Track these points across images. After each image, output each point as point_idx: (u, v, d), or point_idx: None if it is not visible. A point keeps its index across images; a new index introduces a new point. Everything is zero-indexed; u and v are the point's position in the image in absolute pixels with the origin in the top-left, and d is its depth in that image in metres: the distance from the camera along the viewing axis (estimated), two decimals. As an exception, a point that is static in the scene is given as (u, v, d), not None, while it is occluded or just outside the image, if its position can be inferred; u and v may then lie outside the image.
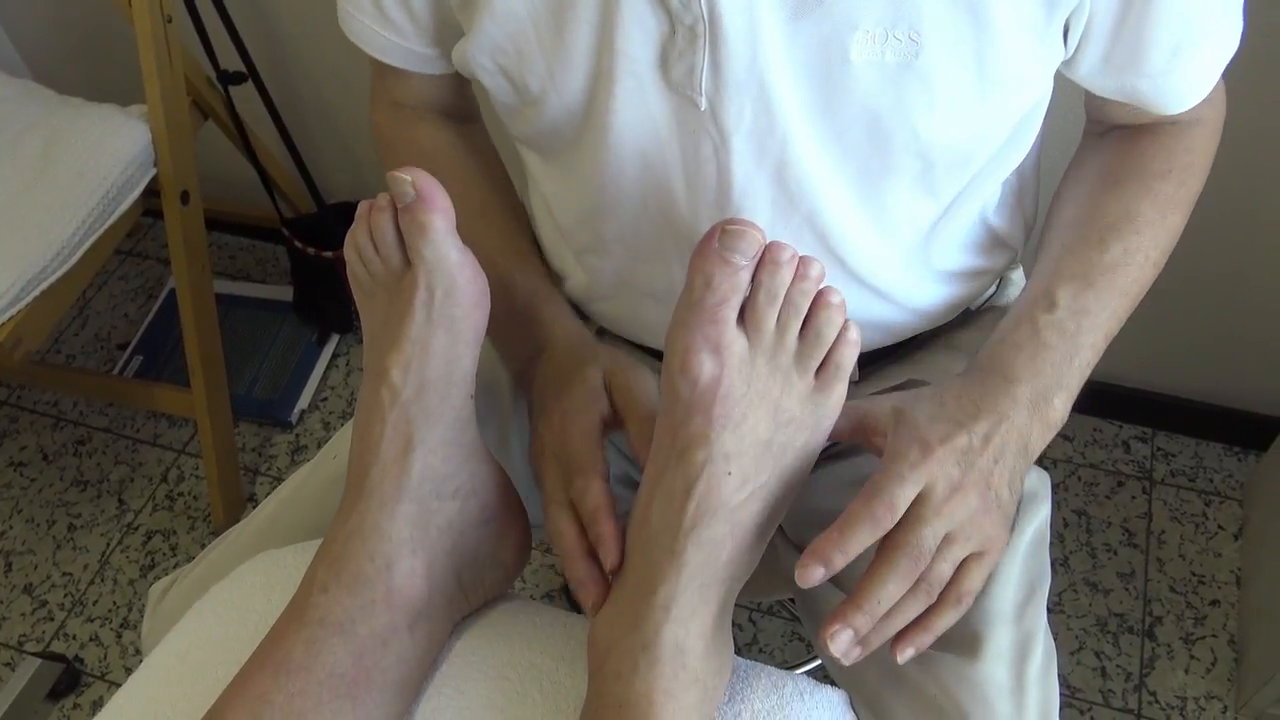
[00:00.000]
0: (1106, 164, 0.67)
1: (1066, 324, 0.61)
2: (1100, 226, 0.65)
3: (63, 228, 1.22)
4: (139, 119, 1.29)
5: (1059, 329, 0.61)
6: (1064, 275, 0.63)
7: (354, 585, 0.58)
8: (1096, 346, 0.63)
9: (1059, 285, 0.63)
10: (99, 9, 1.58)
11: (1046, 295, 0.63)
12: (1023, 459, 0.59)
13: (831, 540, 0.54)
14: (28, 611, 1.52)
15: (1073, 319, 0.62)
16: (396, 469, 0.59)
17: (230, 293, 1.83)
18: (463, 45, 0.65)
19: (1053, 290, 0.63)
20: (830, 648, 0.55)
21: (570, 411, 0.64)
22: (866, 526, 0.54)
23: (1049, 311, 0.62)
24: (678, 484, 0.54)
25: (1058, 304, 0.62)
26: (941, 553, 0.55)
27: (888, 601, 0.54)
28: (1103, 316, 0.63)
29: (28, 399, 1.78)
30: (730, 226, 0.53)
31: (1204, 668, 1.35)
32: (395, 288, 0.60)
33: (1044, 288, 0.63)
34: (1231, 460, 1.53)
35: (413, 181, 0.57)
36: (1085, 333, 0.62)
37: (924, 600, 0.55)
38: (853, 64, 0.56)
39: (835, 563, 0.54)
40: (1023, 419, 0.59)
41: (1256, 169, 1.19)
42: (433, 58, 0.72)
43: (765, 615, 1.44)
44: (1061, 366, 0.61)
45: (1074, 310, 0.62)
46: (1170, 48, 0.59)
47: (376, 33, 0.71)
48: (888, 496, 0.54)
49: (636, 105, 0.60)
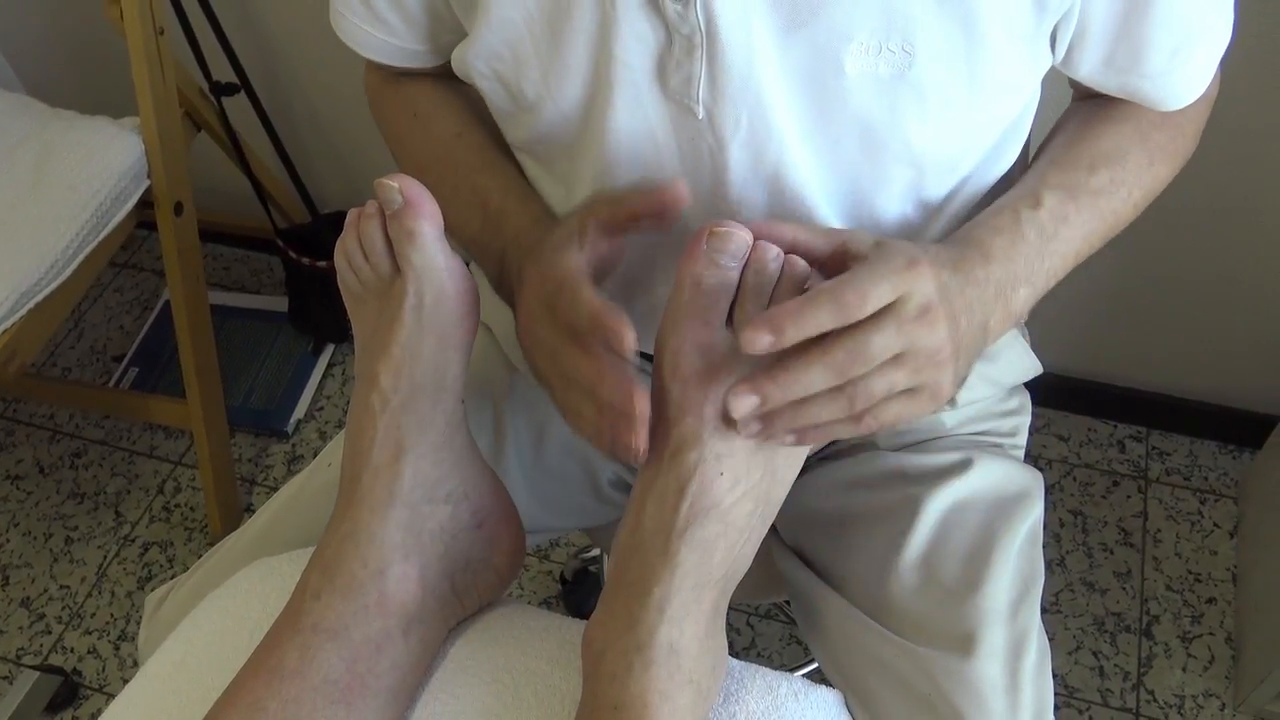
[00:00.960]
0: (1104, 105, 0.68)
1: (1046, 225, 0.61)
2: (1091, 153, 0.65)
3: (56, 240, 1.22)
4: (132, 131, 1.30)
5: (1038, 227, 0.60)
6: (1051, 184, 0.63)
7: (347, 591, 0.58)
8: (1066, 258, 0.62)
9: (1045, 189, 0.62)
10: (91, 22, 1.59)
11: (1033, 194, 0.62)
12: (981, 336, 0.57)
13: (788, 310, 0.50)
14: (25, 625, 1.52)
15: (1052, 223, 0.61)
16: (388, 474, 0.59)
17: (225, 304, 1.83)
18: (461, 51, 0.65)
19: (1039, 192, 0.62)
20: (730, 405, 0.51)
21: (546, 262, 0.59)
22: (829, 308, 0.50)
23: (1033, 209, 0.61)
24: (670, 485, 0.54)
25: (1042, 204, 0.61)
26: (883, 370, 0.51)
27: (806, 387, 0.51)
28: (1079, 231, 0.62)
29: (23, 412, 1.77)
30: (717, 229, 0.53)
31: (1201, 666, 1.35)
32: (385, 294, 0.61)
33: (1031, 188, 0.63)
34: (1226, 458, 1.53)
35: (400, 189, 0.58)
36: (1060, 240, 0.61)
37: (843, 407, 0.52)
38: (847, 75, 0.56)
39: (787, 334, 0.49)
40: (990, 294, 0.57)
41: (1248, 167, 1.19)
42: (424, 53, 0.73)
43: (763, 619, 1.44)
44: (1033, 261, 0.60)
45: (1055, 216, 0.61)
46: (1170, 49, 0.60)
47: (368, 33, 0.71)
48: (861, 287, 0.50)
49: (634, 112, 0.60)
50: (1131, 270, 1.35)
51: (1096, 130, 0.66)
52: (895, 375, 0.52)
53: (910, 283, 0.51)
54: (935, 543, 0.68)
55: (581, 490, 0.87)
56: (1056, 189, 0.62)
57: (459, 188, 0.71)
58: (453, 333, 0.60)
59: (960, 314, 0.54)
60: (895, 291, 0.51)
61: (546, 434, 0.83)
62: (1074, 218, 0.62)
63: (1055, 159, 0.65)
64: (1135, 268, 1.35)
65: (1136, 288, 1.38)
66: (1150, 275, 1.36)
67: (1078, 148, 0.65)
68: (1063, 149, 0.66)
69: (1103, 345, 1.49)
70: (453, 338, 0.60)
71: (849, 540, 0.73)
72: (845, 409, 0.52)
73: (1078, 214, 0.62)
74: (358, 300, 0.63)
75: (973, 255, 0.58)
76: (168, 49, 1.25)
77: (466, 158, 0.72)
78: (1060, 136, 0.68)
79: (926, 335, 0.52)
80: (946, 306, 0.53)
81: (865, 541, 0.71)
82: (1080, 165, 0.64)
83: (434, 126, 0.74)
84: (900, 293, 0.51)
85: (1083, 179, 0.63)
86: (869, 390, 0.52)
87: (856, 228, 0.65)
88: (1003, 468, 0.73)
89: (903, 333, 0.51)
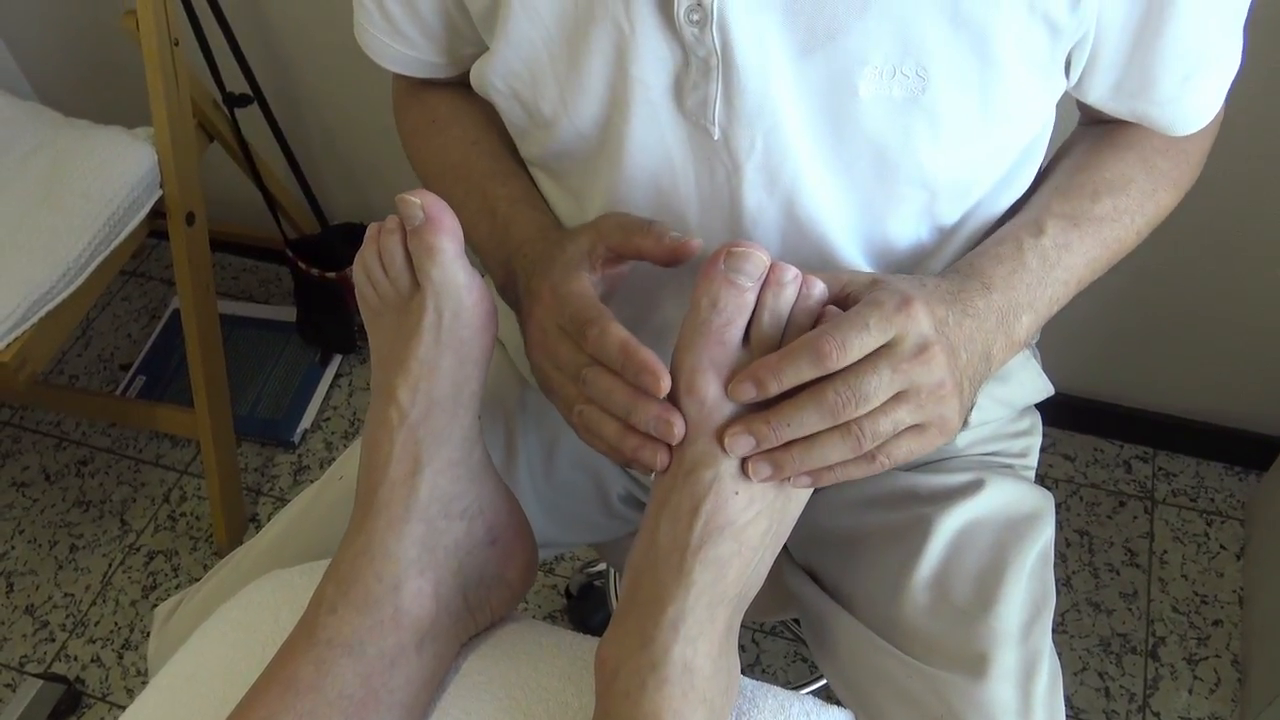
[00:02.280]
0: (1110, 132, 0.68)
1: (1049, 253, 0.61)
2: (1095, 180, 0.65)
3: (69, 249, 1.22)
4: (145, 141, 1.30)
5: (1040, 254, 0.61)
6: (1054, 212, 0.64)
7: (362, 606, 0.58)
8: (1069, 285, 0.63)
9: (1048, 218, 0.63)
10: (105, 32, 1.60)
11: (1035, 223, 0.63)
12: (984, 365, 0.58)
13: (768, 364, 0.52)
14: (29, 632, 1.52)
15: (1055, 250, 0.62)
16: (404, 489, 0.59)
17: (234, 313, 1.83)
18: (479, 67, 0.66)
19: (1042, 220, 0.63)
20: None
21: (559, 280, 0.60)
22: (808, 358, 0.51)
23: (1035, 237, 0.62)
24: (685, 503, 0.54)
25: (1044, 232, 0.62)
26: (887, 409, 0.52)
27: (798, 428, 0.52)
28: (1081, 259, 0.63)
29: (30, 419, 1.78)
30: (735, 249, 0.54)
31: (1208, 688, 1.34)
32: (404, 309, 0.61)
33: (1034, 216, 0.64)
34: (1233, 480, 1.53)
35: (421, 204, 0.58)
36: (1062, 268, 0.62)
37: (851, 447, 0.53)
38: (861, 99, 0.57)
39: (768, 386, 0.52)
40: (991, 324, 0.58)
41: (1256, 187, 1.20)
42: (443, 65, 0.74)
43: (768, 636, 1.44)
44: (1035, 289, 0.61)
45: (1058, 243, 0.62)
46: (1180, 75, 0.60)
47: (388, 45, 0.73)
48: (841, 336, 0.51)
49: (651, 131, 0.61)
50: (1139, 291, 1.35)
51: (1101, 157, 0.67)
52: (899, 414, 0.53)
53: (904, 323, 0.52)
54: (947, 563, 0.68)
55: (592, 505, 0.87)
56: (1060, 217, 0.63)
57: (470, 193, 0.72)
58: (471, 349, 0.60)
59: (960, 347, 0.55)
60: (886, 335, 0.52)
61: (558, 449, 0.84)
62: (1077, 245, 0.63)
63: (1059, 186, 0.66)
64: (1143, 288, 1.35)
65: (1144, 308, 1.38)
66: (1157, 296, 1.36)
67: (1082, 175, 0.66)
68: (1067, 176, 0.66)
69: (1110, 365, 1.49)
70: (471, 354, 0.60)
71: (860, 559, 0.73)
72: (853, 448, 0.53)
73: (1080, 241, 0.63)
74: (376, 314, 0.63)
75: (973, 286, 0.58)
76: (182, 60, 1.26)
77: (479, 165, 0.73)
78: (1065, 162, 0.68)
79: (925, 373, 0.53)
80: (944, 342, 0.54)
81: (876, 561, 0.71)
82: (1084, 193, 0.65)
83: (450, 133, 0.75)
84: (894, 334, 0.52)
85: (1086, 207, 0.64)
86: (874, 429, 0.53)
87: (870, 251, 0.66)
88: (1014, 488, 0.73)
89: (900, 372, 0.52)
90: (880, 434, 0.53)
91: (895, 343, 0.53)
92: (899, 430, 0.53)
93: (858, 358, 0.52)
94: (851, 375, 0.52)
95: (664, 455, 0.55)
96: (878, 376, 0.52)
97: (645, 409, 0.54)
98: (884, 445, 0.54)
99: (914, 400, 0.53)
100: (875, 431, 0.53)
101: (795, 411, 0.52)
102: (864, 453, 0.53)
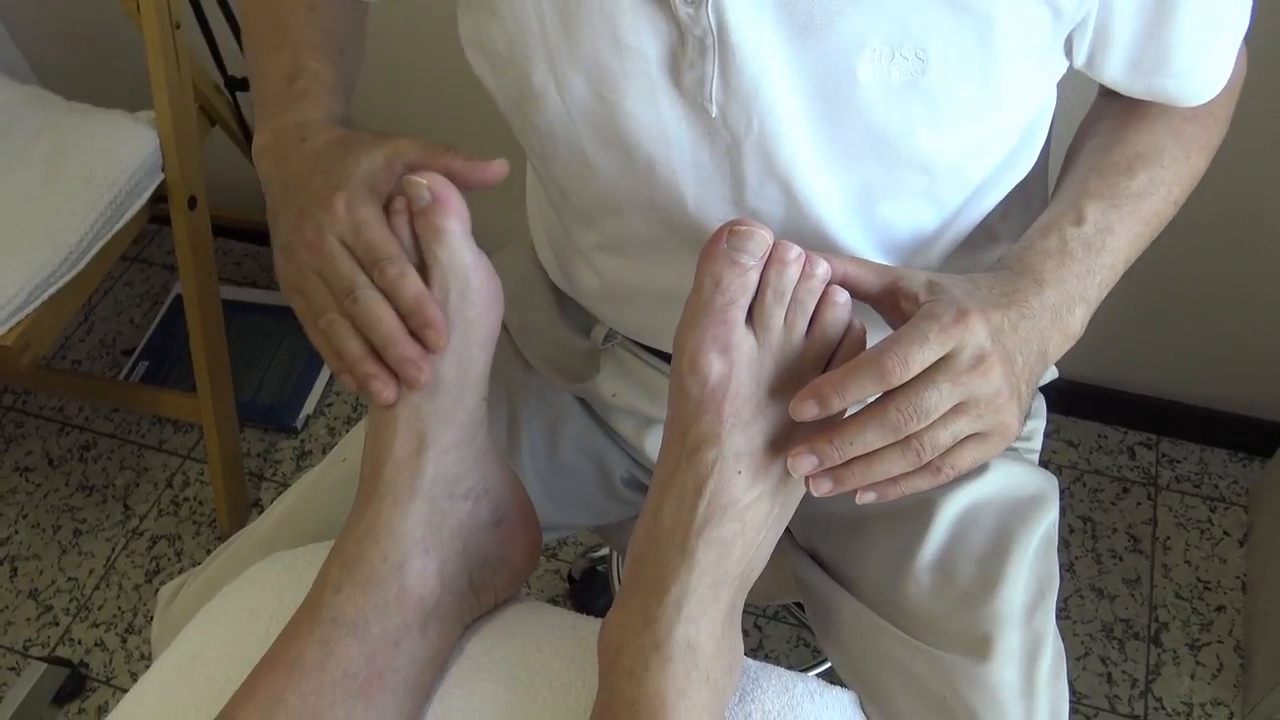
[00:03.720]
0: (1133, 104, 0.68)
1: (1092, 240, 0.61)
2: (1128, 155, 0.65)
3: (71, 233, 1.22)
4: (147, 125, 1.30)
5: (1085, 243, 0.61)
6: (1091, 194, 0.63)
7: (367, 585, 0.58)
8: (1115, 268, 0.63)
9: (1087, 202, 0.62)
10: (106, 16, 1.59)
11: (1075, 209, 0.62)
12: (1040, 363, 0.58)
13: (832, 381, 0.52)
14: (33, 616, 1.52)
15: (1098, 236, 0.61)
16: (410, 468, 0.59)
17: (236, 299, 1.83)
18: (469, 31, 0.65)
19: (1081, 206, 0.62)
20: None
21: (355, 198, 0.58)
22: (872, 375, 0.52)
23: (1077, 225, 0.61)
24: (689, 483, 0.54)
25: (1085, 219, 0.62)
26: (945, 421, 0.53)
27: (861, 446, 0.53)
28: (1125, 239, 0.63)
29: (33, 404, 1.78)
30: (738, 227, 0.53)
31: (1210, 674, 1.35)
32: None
33: (1072, 202, 0.63)
34: (1236, 466, 1.53)
35: (429, 185, 0.58)
36: (1108, 252, 0.62)
37: (911, 460, 0.53)
38: (859, 82, 0.56)
39: (831, 403, 0.52)
40: (1046, 322, 0.58)
41: (1262, 173, 1.19)
42: None
43: (771, 620, 1.44)
44: (1085, 279, 0.60)
45: (1100, 228, 0.62)
46: (1196, 45, 0.60)
47: None
48: (903, 352, 0.52)
49: (647, 105, 0.60)
50: (1142, 276, 1.34)
51: (1130, 131, 0.66)
52: (958, 424, 0.53)
53: (960, 335, 0.53)
54: (950, 545, 0.68)
55: (595, 487, 0.87)
56: (1097, 199, 0.62)
57: (280, 47, 0.69)
58: (477, 329, 0.59)
59: (1016, 352, 0.55)
60: (945, 348, 0.52)
61: (561, 431, 0.83)
62: (1118, 226, 0.62)
63: (1093, 165, 0.65)
64: (1146, 274, 1.34)
65: (1147, 294, 1.38)
66: (1161, 281, 1.35)
67: (1114, 152, 0.65)
68: (1099, 154, 0.66)
69: (1114, 351, 1.49)
70: (477, 335, 0.60)
71: (863, 542, 0.73)
72: (914, 461, 0.53)
73: (1121, 221, 0.62)
74: None
75: (1026, 285, 0.58)
76: (183, 43, 1.26)
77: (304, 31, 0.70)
78: (1093, 140, 0.67)
79: (983, 384, 0.53)
80: (1000, 350, 0.54)
81: (880, 543, 0.71)
82: (1119, 171, 0.64)
83: None
84: (951, 347, 0.52)
85: (1123, 184, 0.63)
86: (935, 442, 0.53)
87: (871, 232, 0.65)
88: (1018, 471, 0.73)
89: (959, 384, 0.52)
90: (939, 446, 0.53)
91: (953, 355, 0.53)
92: (958, 440, 0.54)
93: (918, 372, 0.52)
94: (912, 391, 0.52)
95: (391, 391, 0.58)
96: (937, 391, 0.52)
97: (407, 347, 0.57)
98: (946, 455, 0.54)
99: (973, 411, 0.53)
100: (935, 444, 0.53)
101: (859, 431, 0.52)
102: (925, 464, 0.54)
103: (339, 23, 0.72)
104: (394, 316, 0.57)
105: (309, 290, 0.60)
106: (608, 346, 0.81)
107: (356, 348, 0.58)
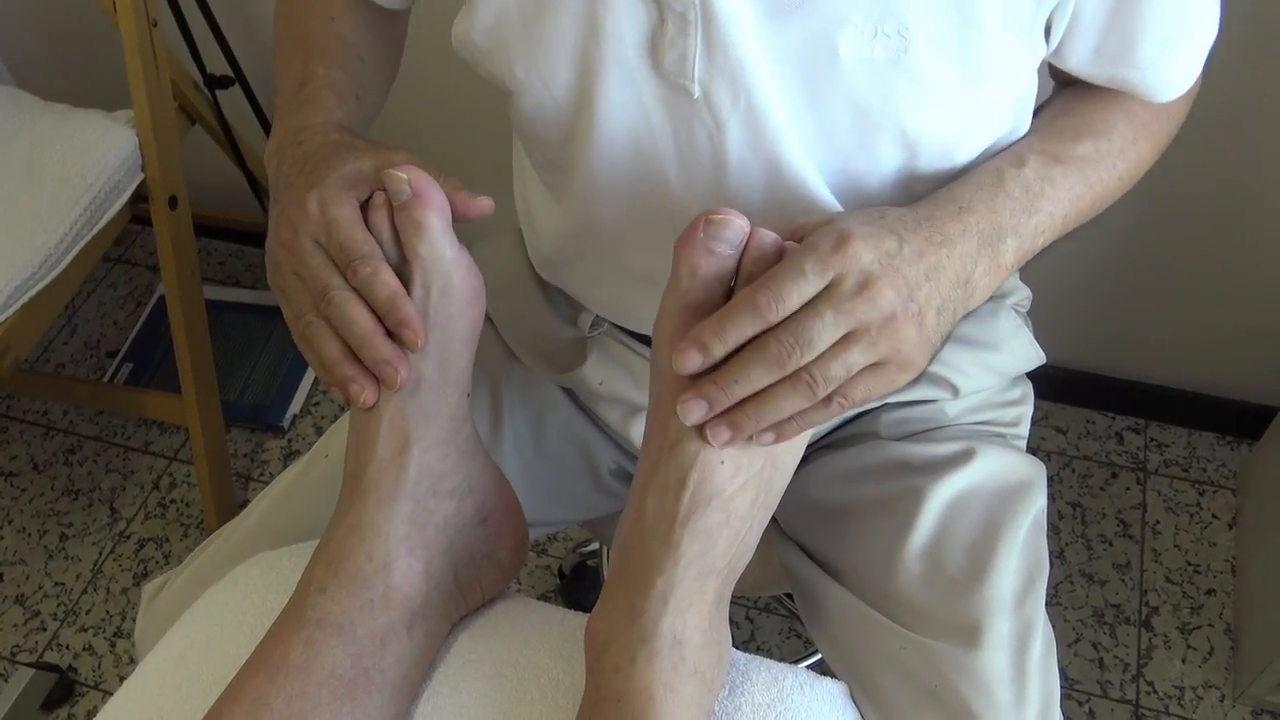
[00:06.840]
0: (1090, 86, 0.67)
1: (1031, 183, 0.61)
2: (1076, 123, 0.65)
3: (49, 234, 1.21)
4: (125, 124, 1.29)
5: (1023, 184, 0.60)
6: (1035, 148, 0.63)
7: (352, 585, 0.57)
8: (1053, 218, 0.62)
9: (1030, 152, 0.62)
10: (83, 14, 1.58)
11: (1017, 156, 0.62)
12: (961, 290, 0.56)
13: (711, 326, 0.51)
14: (20, 622, 1.51)
15: (1038, 182, 0.61)
16: (394, 467, 0.58)
17: (220, 298, 1.82)
18: (460, 27, 0.64)
19: (1023, 154, 0.62)
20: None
21: (329, 198, 0.58)
22: (747, 316, 0.51)
23: (1017, 168, 0.61)
24: (672, 475, 0.54)
25: (1026, 164, 0.61)
26: (835, 352, 0.51)
27: (746, 384, 0.51)
28: (1065, 194, 0.62)
29: (17, 408, 1.76)
30: (714, 216, 0.53)
31: (1201, 657, 1.35)
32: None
33: (1015, 151, 0.63)
34: (1225, 449, 1.53)
35: (409, 180, 0.57)
36: (1047, 199, 0.61)
37: (804, 395, 0.52)
38: (841, 59, 0.56)
39: (713, 348, 0.51)
40: (970, 247, 0.56)
41: (1245, 157, 1.19)
42: None
43: (762, 612, 1.44)
44: (1019, 215, 0.59)
45: (1040, 176, 0.61)
46: (1160, 41, 0.60)
47: None
48: (776, 286, 0.50)
49: (626, 92, 0.60)
50: (1129, 260, 1.35)
51: (1083, 104, 0.66)
52: (850, 355, 0.52)
53: (841, 263, 0.51)
54: (939, 533, 0.68)
55: (581, 480, 0.86)
56: (1041, 153, 0.62)
57: (294, 56, 0.70)
58: (459, 325, 0.59)
59: (920, 278, 0.53)
60: (825, 278, 0.51)
61: (545, 423, 0.83)
62: (1060, 179, 0.62)
63: (1039, 128, 0.65)
64: (1133, 258, 1.35)
65: (1134, 278, 1.38)
66: (1148, 265, 1.36)
67: (1063, 119, 0.65)
68: (1047, 121, 0.66)
69: (1101, 337, 1.49)
70: (459, 330, 0.59)
71: (852, 531, 0.72)
72: (807, 396, 0.52)
73: (1064, 177, 0.62)
74: None
75: (945, 210, 0.57)
76: (161, 41, 1.24)
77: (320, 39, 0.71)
78: (1046, 111, 0.68)
79: (871, 309, 0.51)
80: (892, 275, 0.52)
81: (868, 532, 0.71)
82: (1065, 135, 0.64)
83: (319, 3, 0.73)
84: (832, 276, 0.51)
85: (1068, 146, 0.63)
86: (826, 374, 0.51)
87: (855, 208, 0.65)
88: (1006, 457, 0.73)
89: (843, 312, 0.51)
90: (833, 378, 0.51)
91: (836, 283, 0.51)
92: (853, 371, 0.52)
93: (798, 305, 0.51)
94: (793, 323, 0.51)
95: (369, 393, 0.57)
96: (820, 320, 0.50)
97: (382, 348, 0.56)
98: (841, 388, 0.52)
99: (864, 339, 0.52)
100: (827, 376, 0.51)
101: (741, 368, 0.51)
102: (819, 399, 0.52)
103: (359, 32, 0.73)
104: (369, 317, 0.56)
105: (290, 292, 0.59)
106: (594, 334, 0.81)
107: (334, 350, 0.57)
